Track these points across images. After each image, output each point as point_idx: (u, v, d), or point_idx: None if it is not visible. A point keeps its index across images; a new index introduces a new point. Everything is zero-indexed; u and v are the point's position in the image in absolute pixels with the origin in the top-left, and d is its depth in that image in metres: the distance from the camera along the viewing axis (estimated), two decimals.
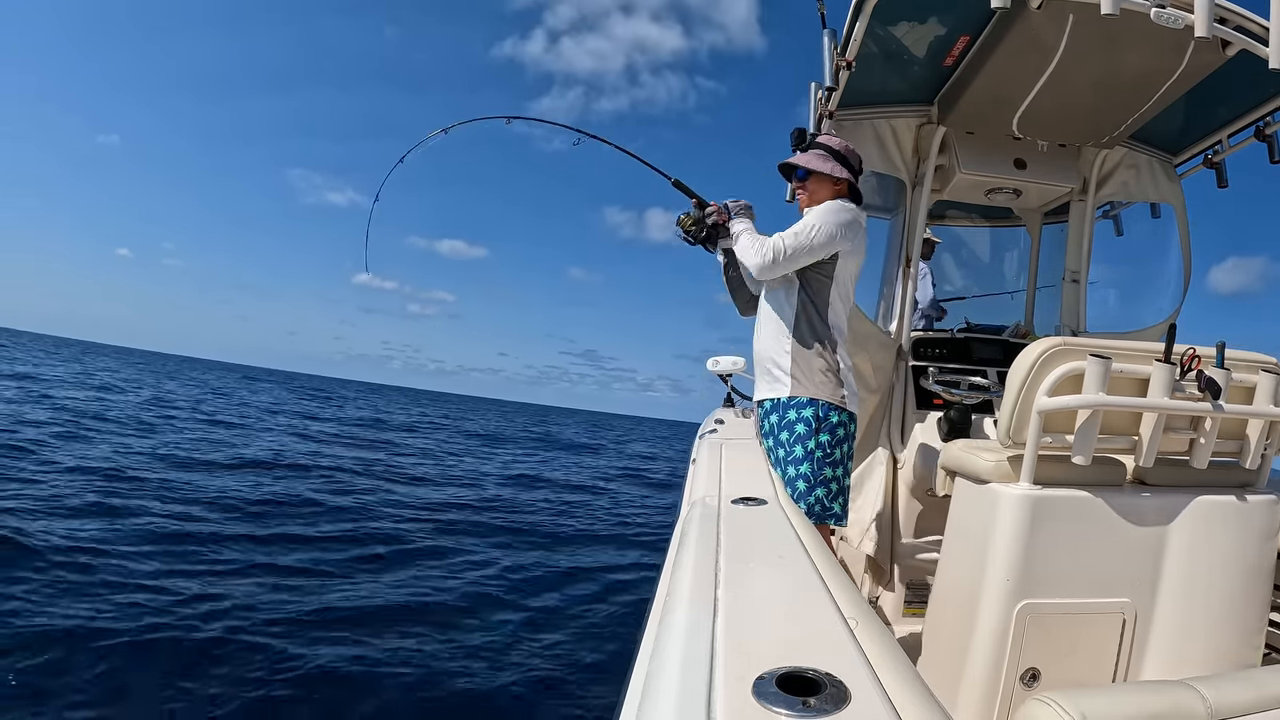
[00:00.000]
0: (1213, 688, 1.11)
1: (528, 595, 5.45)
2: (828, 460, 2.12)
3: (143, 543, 5.58)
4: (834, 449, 2.13)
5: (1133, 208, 3.62)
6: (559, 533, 7.86)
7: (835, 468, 2.13)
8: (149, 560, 5.20)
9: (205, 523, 6.46)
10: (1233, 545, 1.71)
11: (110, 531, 5.74)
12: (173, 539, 5.80)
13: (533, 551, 6.84)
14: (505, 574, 5.93)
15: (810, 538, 1.44)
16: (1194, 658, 1.68)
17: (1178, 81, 2.45)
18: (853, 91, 2.78)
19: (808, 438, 2.11)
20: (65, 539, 5.27)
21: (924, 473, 2.86)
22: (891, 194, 3.42)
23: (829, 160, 2.23)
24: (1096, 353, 1.57)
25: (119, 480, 7.73)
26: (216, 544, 5.87)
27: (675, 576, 1.19)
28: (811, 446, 2.11)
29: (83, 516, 6.03)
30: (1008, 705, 1.62)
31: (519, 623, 4.82)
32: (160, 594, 4.53)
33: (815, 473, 2.11)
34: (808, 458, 2.11)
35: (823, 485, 2.11)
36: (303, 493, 8.44)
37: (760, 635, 0.92)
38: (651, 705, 0.75)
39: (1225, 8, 2.07)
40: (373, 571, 5.71)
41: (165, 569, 5.06)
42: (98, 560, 4.98)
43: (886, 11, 2.39)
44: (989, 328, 3.83)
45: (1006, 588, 1.61)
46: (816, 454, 2.11)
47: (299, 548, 6.14)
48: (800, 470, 2.11)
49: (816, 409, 2.12)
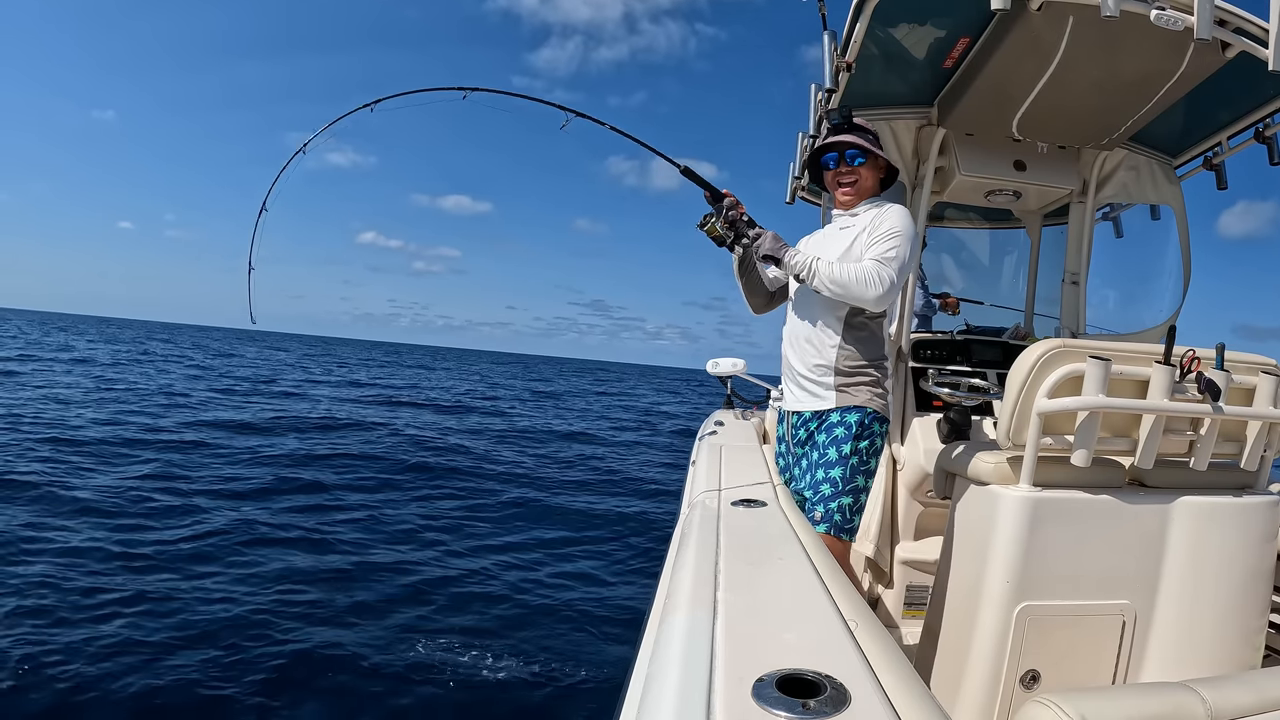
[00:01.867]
0: (1213, 689, 1.11)
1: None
2: (861, 469, 2.01)
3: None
4: (870, 458, 2.02)
5: (1132, 209, 3.63)
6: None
7: (867, 478, 2.03)
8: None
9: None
10: (1232, 547, 1.71)
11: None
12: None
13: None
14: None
15: (810, 540, 1.44)
16: (1194, 659, 1.69)
17: (1177, 83, 2.45)
18: (853, 93, 2.78)
19: (845, 441, 2.00)
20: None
21: (924, 474, 2.86)
22: (891, 195, 3.42)
23: (878, 144, 2.14)
24: (1096, 354, 1.57)
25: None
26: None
27: (675, 578, 1.19)
28: (848, 451, 1.99)
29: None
30: (1007, 707, 1.62)
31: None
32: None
33: (846, 479, 1.99)
34: (841, 462, 1.99)
35: (851, 494, 1.99)
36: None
37: (760, 637, 0.92)
38: (651, 706, 0.75)
39: (1225, 9, 2.07)
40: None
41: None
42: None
43: (887, 13, 2.39)
44: (989, 329, 3.83)
45: (1006, 589, 1.61)
46: (852, 460, 1.99)
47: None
48: (830, 474, 2.00)
49: (862, 415, 2.01)
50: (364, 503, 7.89)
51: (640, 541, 7.21)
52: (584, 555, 6.72)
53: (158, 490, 7.30)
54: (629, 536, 7.39)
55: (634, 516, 8.22)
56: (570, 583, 5.85)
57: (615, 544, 7.18)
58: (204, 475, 8.25)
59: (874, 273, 1.91)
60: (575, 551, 6.82)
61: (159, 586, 4.75)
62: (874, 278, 1.91)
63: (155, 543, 5.67)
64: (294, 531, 6.43)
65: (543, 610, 5.12)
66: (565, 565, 6.33)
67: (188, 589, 4.76)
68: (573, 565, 6.35)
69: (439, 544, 6.64)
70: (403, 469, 9.89)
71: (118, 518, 6.24)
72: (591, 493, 9.55)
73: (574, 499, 9.01)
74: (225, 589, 4.85)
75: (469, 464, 10.63)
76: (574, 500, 8.95)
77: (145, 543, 5.64)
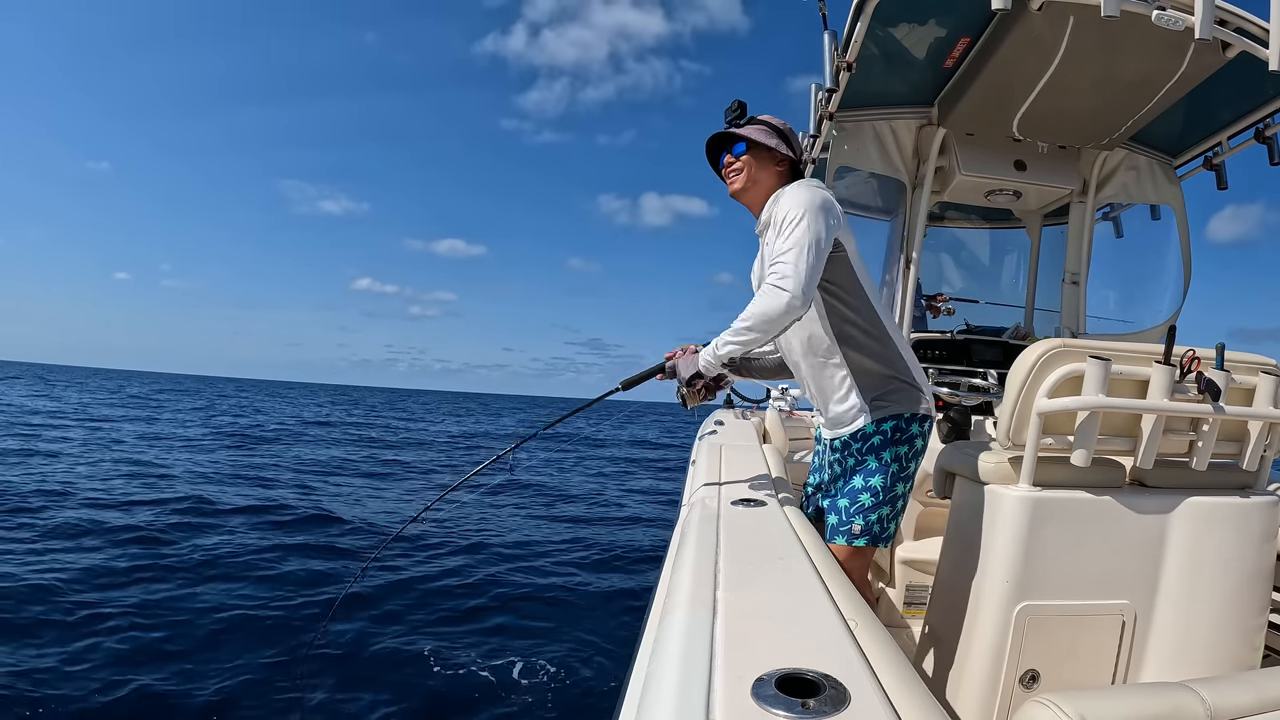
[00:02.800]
0: (1212, 689, 1.10)
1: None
2: (902, 475, 1.84)
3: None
4: (910, 462, 1.85)
5: (1132, 209, 3.62)
6: None
7: (906, 483, 1.86)
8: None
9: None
10: (1232, 547, 1.71)
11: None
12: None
13: None
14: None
15: (810, 539, 1.44)
16: (1193, 659, 1.68)
17: (1178, 83, 2.45)
18: (853, 93, 2.78)
19: (883, 448, 1.82)
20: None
21: (924, 474, 2.86)
22: (892, 195, 3.42)
23: (773, 136, 1.89)
24: (1096, 354, 1.57)
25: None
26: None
27: (675, 578, 1.19)
28: (888, 459, 1.81)
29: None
30: (1007, 707, 1.61)
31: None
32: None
33: (887, 488, 1.81)
34: (882, 469, 1.81)
35: (890, 504, 1.83)
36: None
37: (759, 637, 0.92)
38: (651, 706, 0.75)
39: (1225, 9, 2.07)
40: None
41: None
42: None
43: (887, 13, 2.39)
44: (989, 329, 3.83)
45: (1006, 589, 1.61)
46: (893, 467, 1.81)
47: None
48: (870, 483, 1.82)
49: (899, 421, 1.82)
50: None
51: (641, 540, 7.21)
52: (584, 554, 6.72)
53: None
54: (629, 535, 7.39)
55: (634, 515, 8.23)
56: (570, 582, 5.86)
57: (615, 542, 7.18)
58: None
59: (769, 286, 1.63)
60: (576, 551, 6.82)
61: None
62: (772, 290, 1.62)
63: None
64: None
65: (543, 610, 5.12)
66: (564, 565, 6.33)
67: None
68: (572, 564, 6.35)
69: (433, 545, 6.64)
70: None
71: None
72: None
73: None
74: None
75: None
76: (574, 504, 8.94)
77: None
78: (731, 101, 1.94)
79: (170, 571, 5.26)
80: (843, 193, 3.44)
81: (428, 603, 5.05)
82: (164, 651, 3.90)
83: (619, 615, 5.01)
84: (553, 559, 6.49)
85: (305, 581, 5.31)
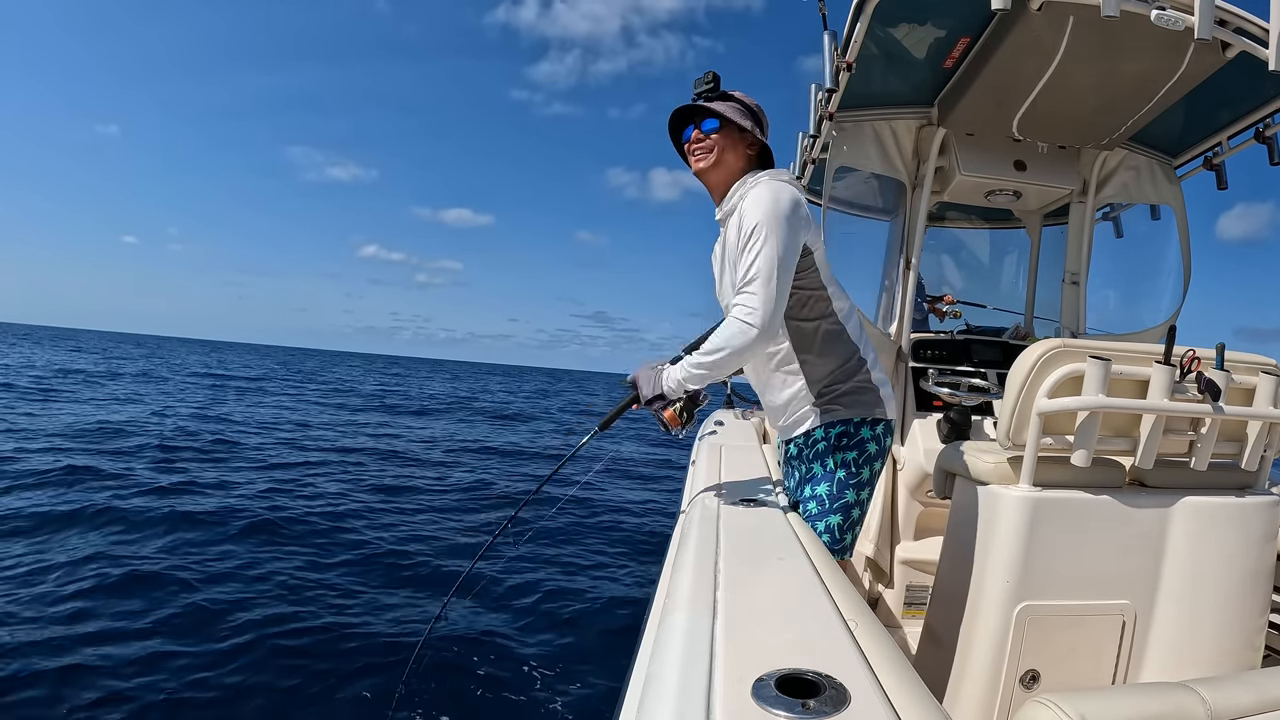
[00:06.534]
0: (1212, 689, 1.10)
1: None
2: (851, 481, 1.75)
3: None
4: (861, 468, 1.76)
5: (1132, 209, 3.63)
6: None
7: (860, 490, 1.76)
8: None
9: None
10: (1232, 547, 1.71)
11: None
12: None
13: None
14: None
15: (810, 539, 1.44)
16: (1194, 660, 1.68)
17: (1178, 83, 2.45)
18: (853, 93, 2.78)
19: (828, 454, 1.76)
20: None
21: (924, 474, 2.86)
22: (892, 196, 3.42)
23: (747, 117, 1.78)
24: (1096, 354, 1.57)
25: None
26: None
27: (675, 578, 1.19)
28: (833, 465, 1.75)
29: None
30: (1007, 707, 1.62)
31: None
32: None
33: (834, 495, 1.74)
34: (827, 476, 1.76)
35: (840, 512, 1.74)
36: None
37: (759, 637, 0.92)
38: (651, 706, 0.75)
39: (1225, 9, 2.08)
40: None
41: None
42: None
43: (887, 13, 2.39)
44: (989, 329, 3.83)
45: (1006, 589, 1.61)
46: (839, 474, 1.75)
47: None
48: (815, 491, 1.76)
49: (847, 426, 1.76)
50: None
51: (640, 540, 7.21)
52: (583, 553, 6.72)
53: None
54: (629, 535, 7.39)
55: (633, 517, 8.22)
56: (570, 582, 5.85)
57: (615, 542, 7.17)
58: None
59: (737, 321, 1.58)
60: (574, 550, 6.82)
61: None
62: (739, 325, 1.57)
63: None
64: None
65: (542, 608, 5.12)
66: (564, 563, 6.33)
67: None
68: (571, 563, 6.35)
69: (427, 538, 6.64)
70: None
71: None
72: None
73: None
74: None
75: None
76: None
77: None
78: (705, 73, 1.83)
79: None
80: (843, 193, 3.44)
81: (423, 601, 5.05)
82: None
83: (619, 615, 5.01)
84: (550, 557, 6.49)
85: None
